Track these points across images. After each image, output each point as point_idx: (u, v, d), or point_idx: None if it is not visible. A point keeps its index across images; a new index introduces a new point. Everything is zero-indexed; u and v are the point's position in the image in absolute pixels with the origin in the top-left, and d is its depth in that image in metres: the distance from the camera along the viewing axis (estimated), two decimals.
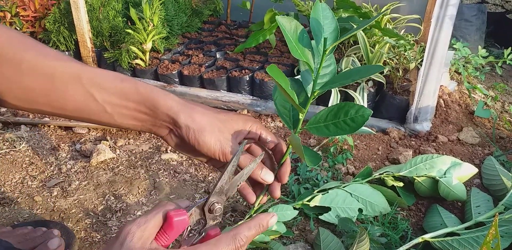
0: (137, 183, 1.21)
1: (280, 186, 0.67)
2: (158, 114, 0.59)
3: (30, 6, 1.80)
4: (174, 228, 0.50)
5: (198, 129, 0.58)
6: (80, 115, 0.58)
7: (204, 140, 0.58)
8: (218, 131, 0.59)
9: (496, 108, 1.72)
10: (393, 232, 1.02)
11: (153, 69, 1.73)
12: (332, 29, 0.58)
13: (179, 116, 0.58)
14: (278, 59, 1.78)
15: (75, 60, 0.58)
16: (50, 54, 0.56)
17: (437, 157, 1.14)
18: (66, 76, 0.55)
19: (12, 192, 1.16)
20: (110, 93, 0.57)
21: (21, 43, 0.54)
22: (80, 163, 1.29)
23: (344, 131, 0.55)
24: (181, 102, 0.59)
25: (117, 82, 0.57)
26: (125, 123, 0.60)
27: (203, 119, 0.59)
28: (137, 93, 0.57)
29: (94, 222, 1.07)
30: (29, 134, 1.40)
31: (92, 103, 0.57)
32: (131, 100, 0.58)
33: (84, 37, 1.73)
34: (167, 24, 1.90)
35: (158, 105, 0.58)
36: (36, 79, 0.54)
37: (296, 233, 1.05)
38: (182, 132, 0.59)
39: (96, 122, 0.60)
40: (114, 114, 0.58)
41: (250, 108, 1.59)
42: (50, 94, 0.55)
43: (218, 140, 0.59)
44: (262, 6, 1.94)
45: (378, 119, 1.53)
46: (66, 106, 0.57)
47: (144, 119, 0.60)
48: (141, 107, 0.58)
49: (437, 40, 1.40)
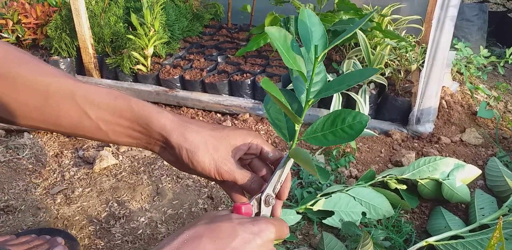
0: (140, 189, 1.21)
1: (281, 204, 0.66)
2: (151, 133, 0.58)
3: (32, 13, 1.81)
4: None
5: (190, 149, 0.57)
6: (75, 131, 0.58)
7: (198, 159, 0.57)
8: (212, 149, 0.58)
9: (499, 109, 1.71)
10: (397, 236, 1.02)
11: (155, 74, 1.73)
12: (320, 35, 0.57)
13: (171, 135, 0.57)
14: (279, 62, 1.78)
15: (70, 76, 0.57)
16: (44, 69, 0.55)
17: (440, 159, 1.14)
18: (60, 93, 0.54)
19: (16, 200, 1.16)
20: (103, 110, 0.56)
21: (17, 58, 0.54)
22: (83, 169, 1.29)
23: (343, 139, 0.55)
24: (175, 120, 0.58)
25: (111, 99, 0.56)
26: (120, 140, 0.59)
27: (196, 138, 0.57)
28: (130, 111, 0.57)
29: (97, 229, 1.07)
30: (32, 141, 1.41)
31: (86, 121, 0.56)
32: (125, 118, 0.57)
33: (85, 43, 1.74)
34: (168, 29, 1.90)
35: (151, 123, 0.57)
36: (30, 95, 0.54)
37: (300, 238, 1.05)
38: (175, 152, 0.58)
39: (91, 138, 0.59)
40: (108, 131, 0.58)
41: (252, 112, 1.59)
42: (44, 110, 0.55)
43: (212, 159, 0.58)
44: (263, 9, 1.95)
45: (380, 121, 1.53)
46: (60, 122, 0.56)
47: (138, 137, 0.59)
48: (135, 126, 0.57)
49: (438, 41, 1.40)
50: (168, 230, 1.08)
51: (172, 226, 1.09)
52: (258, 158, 0.66)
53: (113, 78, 1.82)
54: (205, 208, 1.14)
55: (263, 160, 0.66)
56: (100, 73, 1.84)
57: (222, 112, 1.64)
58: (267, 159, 0.65)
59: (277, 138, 1.45)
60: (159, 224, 1.09)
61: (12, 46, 0.56)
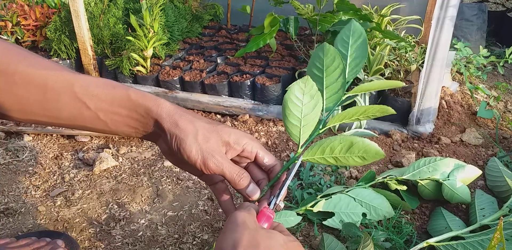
0: (140, 191, 1.21)
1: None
2: (148, 121, 0.58)
3: (31, 15, 1.81)
4: (267, 220, 0.60)
5: (180, 136, 0.57)
6: (75, 123, 0.58)
7: (185, 147, 0.57)
8: (202, 140, 0.57)
9: (499, 108, 1.71)
10: (397, 237, 1.02)
11: (155, 75, 1.73)
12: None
13: (165, 122, 0.57)
14: (278, 63, 1.78)
15: (67, 69, 0.57)
16: (42, 64, 0.56)
17: (440, 159, 1.14)
18: (58, 85, 0.55)
19: (16, 202, 1.16)
20: (101, 100, 0.57)
21: (14, 54, 0.55)
22: (83, 171, 1.29)
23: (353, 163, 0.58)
24: (171, 108, 0.58)
25: (109, 89, 0.57)
26: (119, 130, 0.60)
27: (188, 127, 0.57)
28: (129, 99, 0.57)
29: (98, 231, 1.07)
30: (31, 143, 1.41)
31: (85, 111, 0.57)
32: (123, 107, 0.57)
33: (85, 45, 1.73)
34: (167, 30, 1.90)
35: (149, 111, 0.57)
36: (29, 89, 0.54)
37: (300, 239, 1.05)
38: (167, 139, 0.58)
39: (91, 129, 0.60)
40: (108, 121, 0.58)
41: (251, 113, 1.59)
42: (43, 104, 0.55)
43: (199, 149, 0.57)
44: (262, 10, 1.95)
45: (380, 121, 1.53)
46: (60, 115, 0.57)
47: (136, 125, 0.59)
48: (133, 114, 0.58)
49: (438, 41, 1.40)
50: (169, 232, 1.07)
51: (172, 228, 1.09)
52: (254, 163, 0.66)
53: (113, 79, 1.81)
54: (205, 210, 1.14)
55: (258, 166, 0.66)
56: (100, 75, 1.84)
57: (222, 114, 1.64)
58: (263, 164, 0.64)
59: (277, 139, 1.45)
60: (159, 226, 1.09)
61: (8, 42, 0.56)
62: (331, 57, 0.66)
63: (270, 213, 0.60)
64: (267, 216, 0.60)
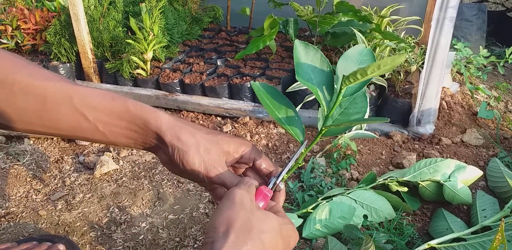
0: (141, 194, 1.21)
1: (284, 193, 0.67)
2: (148, 133, 0.59)
3: (31, 19, 1.81)
4: (263, 199, 0.60)
5: (182, 148, 0.58)
6: (75, 134, 0.58)
7: (188, 160, 0.58)
8: (204, 152, 0.58)
9: (500, 109, 1.71)
10: (399, 238, 1.02)
11: (155, 78, 1.73)
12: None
13: (166, 135, 0.58)
14: (278, 64, 1.78)
15: (67, 80, 0.58)
16: (41, 74, 0.56)
17: (441, 160, 1.14)
18: (57, 96, 0.55)
19: (17, 207, 1.16)
20: (100, 112, 0.57)
21: (13, 64, 0.55)
22: (83, 175, 1.29)
23: None
24: (171, 120, 0.59)
25: (107, 101, 0.57)
26: (118, 141, 0.60)
27: (189, 139, 0.58)
28: (127, 111, 0.57)
29: (99, 235, 1.07)
30: (32, 147, 1.41)
31: (84, 123, 0.57)
32: (122, 119, 0.58)
33: (85, 48, 1.74)
34: (167, 32, 1.90)
35: (148, 123, 0.58)
36: (28, 100, 0.54)
37: (301, 241, 1.05)
38: (168, 151, 0.58)
39: (90, 140, 0.60)
40: (107, 132, 0.58)
41: (252, 115, 1.59)
42: (42, 114, 0.55)
43: (202, 161, 0.58)
44: (262, 12, 1.95)
45: (380, 123, 1.52)
46: (59, 126, 0.57)
47: (135, 137, 0.60)
48: (132, 126, 0.58)
49: (437, 41, 1.39)
50: (170, 235, 1.07)
51: (173, 231, 1.08)
52: (251, 168, 0.67)
53: (113, 83, 1.82)
54: (206, 213, 1.14)
55: (256, 171, 0.67)
56: (100, 78, 1.84)
57: (222, 116, 1.64)
58: (260, 170, 0.65)
59: (277, 141, 1.45)
60: (160, 229, 1.09)
61: (8, 52, 0.56)
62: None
63: (268, 191, 0.60)
64: (264, 194, 0.60)
